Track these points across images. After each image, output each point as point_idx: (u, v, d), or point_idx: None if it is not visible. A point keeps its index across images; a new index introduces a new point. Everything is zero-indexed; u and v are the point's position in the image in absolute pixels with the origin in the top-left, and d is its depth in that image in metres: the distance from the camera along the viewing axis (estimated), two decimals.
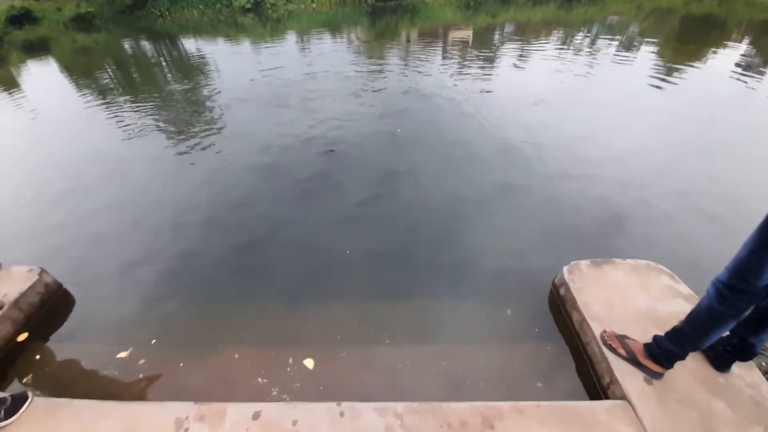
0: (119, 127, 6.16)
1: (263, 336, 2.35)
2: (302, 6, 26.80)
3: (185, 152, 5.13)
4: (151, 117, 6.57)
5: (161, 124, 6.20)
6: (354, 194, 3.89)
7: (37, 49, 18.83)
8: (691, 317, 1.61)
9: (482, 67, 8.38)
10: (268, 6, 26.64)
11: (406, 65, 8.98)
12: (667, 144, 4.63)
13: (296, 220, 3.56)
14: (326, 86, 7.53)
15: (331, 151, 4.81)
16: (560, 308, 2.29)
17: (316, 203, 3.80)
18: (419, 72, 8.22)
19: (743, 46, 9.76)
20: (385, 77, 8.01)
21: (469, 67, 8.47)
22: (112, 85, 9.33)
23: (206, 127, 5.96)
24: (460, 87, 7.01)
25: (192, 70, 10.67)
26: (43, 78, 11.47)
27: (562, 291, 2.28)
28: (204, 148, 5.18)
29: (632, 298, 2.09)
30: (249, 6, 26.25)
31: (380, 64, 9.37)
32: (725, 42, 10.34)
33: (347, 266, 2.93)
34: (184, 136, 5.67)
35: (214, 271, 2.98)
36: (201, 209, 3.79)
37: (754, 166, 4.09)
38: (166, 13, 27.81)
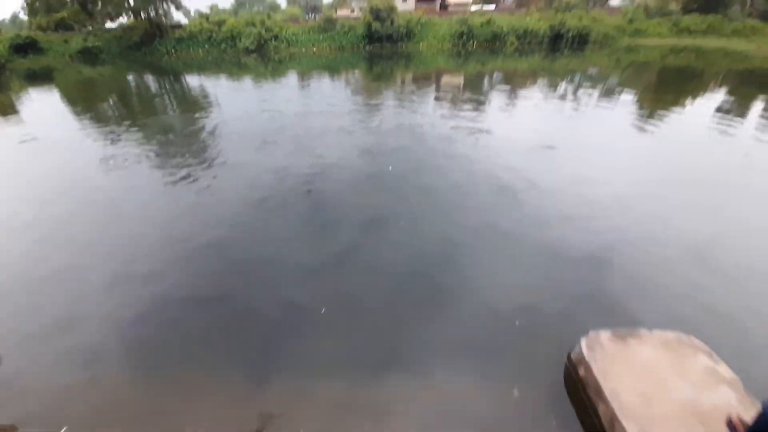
0: (105, 157, 5.91)
1: (214, 424, 1.88)
2: (303, 50, 28.33)
3: (163, 188, 4.83)
4: (141, 148, 6.34)
5: (151, 156, 5.97)
6: (337, 239, 3.51)
7: (40, 78, 19.11)
8: (755, 430, 1.27)
9: (473, 110, 8.52)
10: (271, 48, 28.08)
11: (400, 106, 9.12)
12: (665, 190, 4.45)
13: (267, 269, 3.12)
14: (322, 123, 7.51)
15: (309, 190, 4.56)
16: (580, 392, 1.88)
17: (294, 249, 3.39)
18: (413, 113, 8.32)
19: (722, 94, 10.28)
20: (379, 116, 8.06)
21: (461, 109, 8.61)
22: (111, 115, 9.24)
23: (194, 160, 5.72)
24: (452, 128, 7.01)
25: (192, 104, 10.71)
26: (42, 105, 11.38)
27: (581, 371, 1.89)
28: (185, 183, 4.88)
29: (669, 385, 1.71)
30: (253, 48, 27.63)
31: (375, 104, 9.52)
32: (703, 91, 10.92)
33: (321, 329, 2.48)
34: (169, 169, 5.41)
35: (163, 334, 2.51)
36: (159, 257, 3.33)
37: (760, 217, 3.91)
38: (173, 51, 29.03)
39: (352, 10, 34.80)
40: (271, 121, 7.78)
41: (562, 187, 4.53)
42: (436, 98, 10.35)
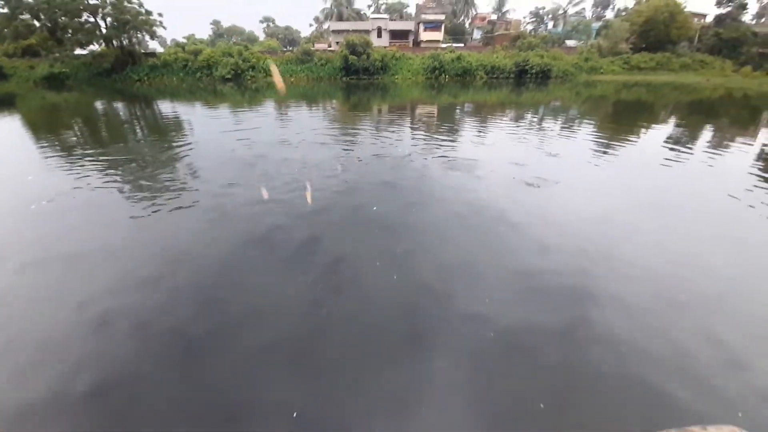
0: (41, 196, 5.33)
1: None
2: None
3: (105, 233, 4.23)
4: (90, 182, 5.82)
5: (99, 194, 5.38)
6: (314, 305, 2.87)
7: (1, 103, 18.10)
8: None
9: (453, 141, 8.63)
10: (248, 78, 28.38)
11: (380, 137, 9.10)
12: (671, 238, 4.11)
13: (223, 349, 2.46)
14: (298, 156, 7.18)
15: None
16: None
17: (261, 320, 2.73)
18: (393, 144, 8.25)
19: (671, 125, 11.20)
20: (359, 149, 7.89)
21: (441, 141, 8.68)
22: (73, 143, 8.65)
23: (152, 200, 5.16)
24: (435, 159, 6.97)
25: (161, 133, 10.28)
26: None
27: None
28: (137, 228, 4.37)
29: None
30: (229, 76, 27.81)
31: (354, 135, 9.53)
32: (654, 121, 11.86)
33: None
34: (123, 207, 4.91)
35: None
36: (83, 327, 2.70)
37: None
38: (145, 78, 28.67)
39: (329, 45, 36.21)
40: (245, 152, 7.48)
41: (560, 223, 4.26)
42: (415, 129, 10.57)
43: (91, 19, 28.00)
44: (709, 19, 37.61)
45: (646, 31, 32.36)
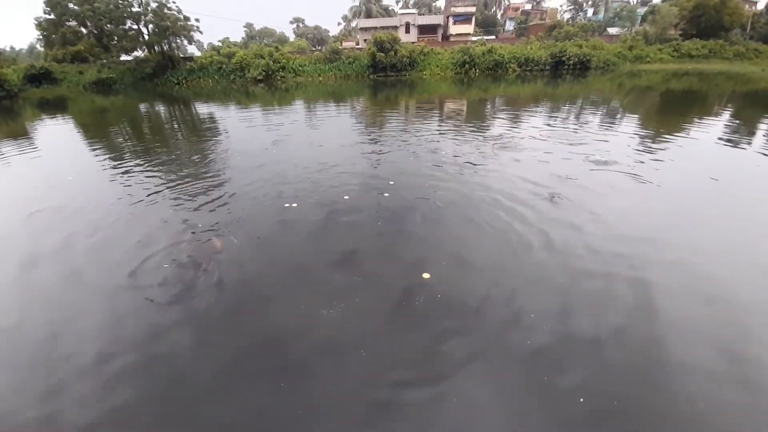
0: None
1: None
2: (309, 78, 29.22)
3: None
4: (139, 186, 6.14)
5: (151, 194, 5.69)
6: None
7: (53, 106, 19.66)
8: None
9: (478, 139, 8.17)
10: (278, 78, 29.01)
11: (406, 136, 8.72)
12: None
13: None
14: (331, 160, 6.75)
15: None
16: None
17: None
18: (421, 146, 7.75)
19: (726, 117, 10.05)
20: (389, 149, 7.59)
21: (466, 138, 8.27)
22: (122, 146, 9.16)
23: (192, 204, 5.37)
24: (465, 165, 6.41)
25: (201, 135, 10.50)
26: (49, 133, 11.47)
27: None
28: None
29: None
30: (260, 77, 28.58)
31: (381, 134, 9.33)
32: (708, 114, 10.68)
33: None
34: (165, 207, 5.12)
35: None
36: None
37: None
38: (183, 81, 30.11)
39: (357, 42, 36.22)
40: (279, 161, 7.09)
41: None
42: (440, 124, 10.20)
43: (135, 27, 29.74)
44: (761, 6, 34.31)
45: (697, 17, 29.55)
